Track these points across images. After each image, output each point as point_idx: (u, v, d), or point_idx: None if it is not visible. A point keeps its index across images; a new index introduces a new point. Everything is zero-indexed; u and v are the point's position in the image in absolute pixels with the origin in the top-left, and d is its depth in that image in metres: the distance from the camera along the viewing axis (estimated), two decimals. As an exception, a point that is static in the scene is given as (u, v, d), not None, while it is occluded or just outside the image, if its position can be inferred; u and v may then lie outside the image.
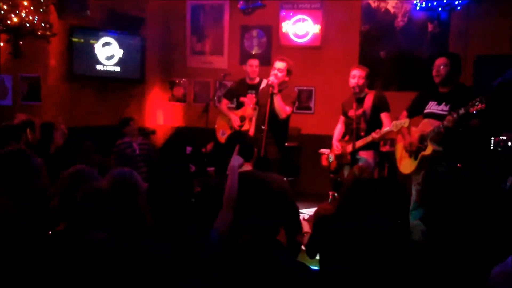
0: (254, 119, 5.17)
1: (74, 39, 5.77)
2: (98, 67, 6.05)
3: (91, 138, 5.90)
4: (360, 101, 4.66)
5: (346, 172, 4.79)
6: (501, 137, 4.49)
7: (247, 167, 2.97)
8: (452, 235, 2.49)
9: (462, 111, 3.70)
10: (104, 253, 2.08)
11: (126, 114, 6.29)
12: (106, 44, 6.08)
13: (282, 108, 4.67)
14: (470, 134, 3.88)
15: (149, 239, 2.21)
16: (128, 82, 6.54)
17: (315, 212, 3.30)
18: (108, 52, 6.10)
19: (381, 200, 2.55)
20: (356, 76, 4.65)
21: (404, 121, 4.20)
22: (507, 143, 4.42)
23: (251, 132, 5.14)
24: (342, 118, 4.95)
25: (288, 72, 4.82)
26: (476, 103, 3.62)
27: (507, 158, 4.41)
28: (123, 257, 2.08)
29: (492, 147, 4.54)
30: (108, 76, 6.16)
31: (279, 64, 4.81)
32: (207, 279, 2.15)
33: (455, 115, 3.75)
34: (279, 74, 4.77)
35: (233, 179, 2.70)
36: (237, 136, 3.27)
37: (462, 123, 3.76)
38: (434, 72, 4.11)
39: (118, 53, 6.20)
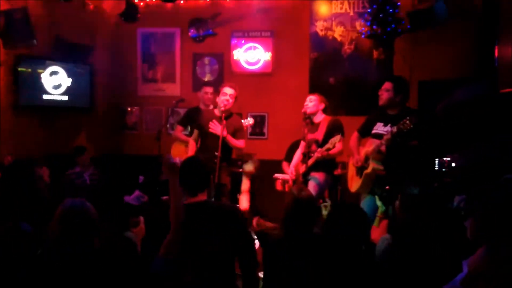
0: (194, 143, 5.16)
1: (21, 69, 5.61)
2: (45, 96, 5.88)
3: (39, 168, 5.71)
4: (315, 125, 4.80)
5: None
6: (445, 158, 4.67)
7: (202, 196, 2.80)
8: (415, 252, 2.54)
9: (394, 129, 3.91)
10: None
11: (75, 144, 6.13)
12: (54, 73, 5.93)
13: (237, 145, 4.87)
14: (410, 154, 4.05)
15: None
16: (77, 111, 6.39)
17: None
18: (55, 81, 5.95)
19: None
20: (307, 100, 4.82)
21: (337, 137, 4.37)
22: (451, 164, 4.60)
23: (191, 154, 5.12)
24: (302, 143, 5.01)
25: (236, 98, 4.92)
26: (406, 122, 3.82)
27: (453, 179, 4.57)
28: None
29: (436, 168, 4.71)
30: (55, 105, 5.99)
31: (230, 90, 4.88)
32: None
33: (389, 135, 3.96)
34: (231, 100, 4.84)
35: (180, 201, 2.65)
36: (193, 162, 2.97)
37: (396, 142, 3.96)
38: (379, 94, 4.31)
39: (66, 82, 6.06)
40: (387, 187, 4.01)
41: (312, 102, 4.81)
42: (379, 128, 4.28)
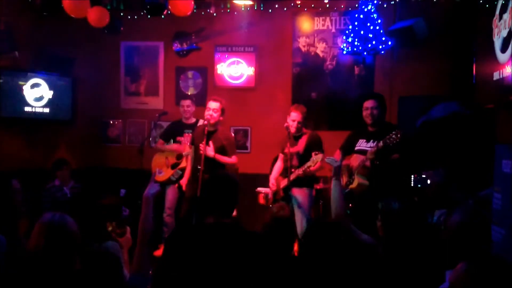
0: (190, 157, 5.20)
1: (2, 81, 5.56)
2: (27, 108, 5.82)
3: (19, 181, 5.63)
4: (296, 139, 4.85)
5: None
6: (421, 175, 4.74)
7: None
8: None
9: (381, 144, 3.97)
10: None
11: (57, 156, 6.06)
12: (35, 85, 5.88)
13: (228, 162, 4.93)
14: (393, 168, 4.11)
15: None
16: (59, 124, 6.34)
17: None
18: (37, 94, 5.90)
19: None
20: (296, 120, 4.83)
21: (318, 156, 4.44)
22: (426, 181, 4.66)
23: (188, 170, 5.16)
24: (281, 155, 5.07)
25: (222, 111, 4.95)
26: (393, 136, 3.89)
27: (433, 194, 4.64)
28: None
29: (412, 184, 4.76)
30: (37, 117, 5.93)
31: (214, 104, 4.92)
32: None
33: (375, 148, 4.01)
34: (214, 114, 4.87)
35: (148, 211, 2.54)
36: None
37: (382, 156, 4.01)
38: (365, 114, 4.35)
39: (48, 94, 6.01)
40: (350, 204, 4.10)
41: (295, 121, 4.83)
42: (362, 144, 4.34)
